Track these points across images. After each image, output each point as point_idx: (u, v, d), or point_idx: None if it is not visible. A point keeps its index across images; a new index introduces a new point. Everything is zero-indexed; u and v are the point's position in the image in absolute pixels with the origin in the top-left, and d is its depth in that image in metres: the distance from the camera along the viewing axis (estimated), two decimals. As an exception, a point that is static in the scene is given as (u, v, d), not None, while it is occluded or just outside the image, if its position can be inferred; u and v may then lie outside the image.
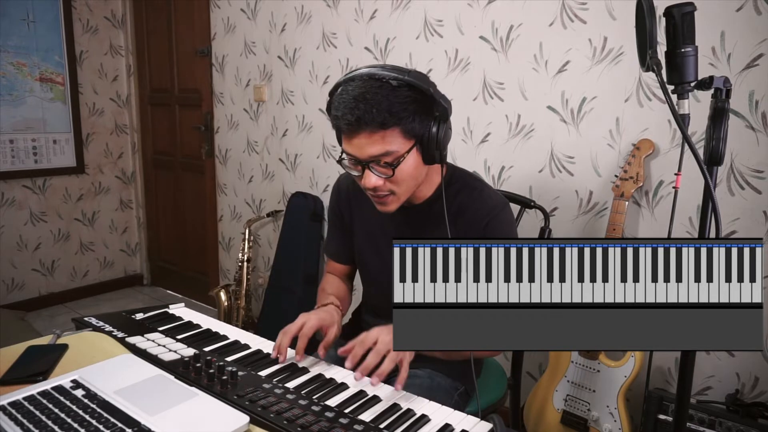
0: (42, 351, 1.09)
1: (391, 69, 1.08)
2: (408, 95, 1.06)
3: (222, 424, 0.83)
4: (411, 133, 1.08)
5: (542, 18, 1.90)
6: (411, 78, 1.06)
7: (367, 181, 1.11)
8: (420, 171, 1.15)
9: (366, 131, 1.05)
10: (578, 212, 1.93)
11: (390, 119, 1.04)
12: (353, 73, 1.10)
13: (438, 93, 1.09)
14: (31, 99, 3.19)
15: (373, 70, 1.08)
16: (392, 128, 1.06)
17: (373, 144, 1.06)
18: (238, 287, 2.88)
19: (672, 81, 0.87)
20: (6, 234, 3.19)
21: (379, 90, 1.05)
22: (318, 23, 2.55)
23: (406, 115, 1.06)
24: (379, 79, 1.06)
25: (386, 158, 1.08)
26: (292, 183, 2.82)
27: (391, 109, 1.04)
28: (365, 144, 1.07)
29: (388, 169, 1.09)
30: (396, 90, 1.05)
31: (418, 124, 1.08)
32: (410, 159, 1.10)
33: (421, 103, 1.08)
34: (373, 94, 1.04)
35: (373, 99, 1.04)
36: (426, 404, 0.95)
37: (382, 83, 1.06)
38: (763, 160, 1.58)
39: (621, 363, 1.66)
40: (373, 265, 1.35)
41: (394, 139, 1.07)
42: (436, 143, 1.10)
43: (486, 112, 2.09)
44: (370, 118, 1.04)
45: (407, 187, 1.14)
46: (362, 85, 1.06)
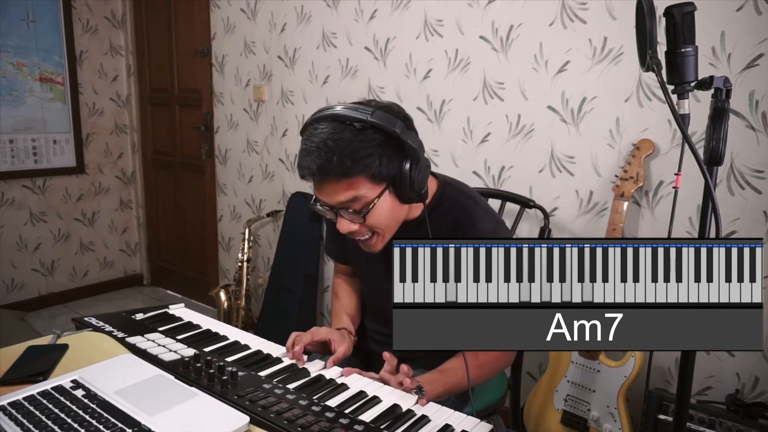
0: (42, 351, 1.09)
1: (355, 108, 1.02)
2: (373, 138, 1.00)
3: (222, 424, 0.83)
4: (379, 177, 1.03)
5: (542, 18, 1.90)
6: (375, 119, 0.99)
7: (340, 226, 1.08)
8: (398, 211, 1.10)
9: (330, 180, 1.01)
10: (578, 212, 1.93)
11: (353, 167, 0.99)
12: (320, 113, 1.05)
13: (405, 132, 1.02)
14: (31, 99, 3.19)
15: (338, 110, 1.02)
16: (356, 176, 1.01)
17: (339, 192, 1.03)
18: (238, 287, 2.88)
19: (672, 81, 0.87)
20: (6, 234, 3.19)
21: (341, 134, 1.00)
22: (318, 23, 2.55)
23: (371, 161, 1.00)
24: (343, 121, 1.01)
25: (355, 205, 1.04)
26: (292, 183, 2.82)
27: (354, 155, 0.99)
28: (332, 192, 1.03)
29: (357, 215, 1.05)
30: (360, 133, 1.00)
31: (386, 167, 1.02)
32: (383, 203, 1.05)
33: (387, 146, 1.02)
34: (335, 141, 0.99)
35: (336, 147, 0.99)
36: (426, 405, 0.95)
37: (345, 126, 1.00)
38: (763, 160, 1.58)
39: (621, 363, 1.66)
40: (369, 272, 1.33)
41: (361, 185, 1.02)
42: (410, 184, 1.04)
43: (486, 112, 2.09)
44: (331, 167, 0.99)
45: (388, 228, 1.10)
46: (326, 127, 1.01)
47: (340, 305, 1.36)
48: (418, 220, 1.18)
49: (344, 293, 1.40)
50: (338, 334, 1.18)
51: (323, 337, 1.15)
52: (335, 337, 1.17)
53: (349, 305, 1.36)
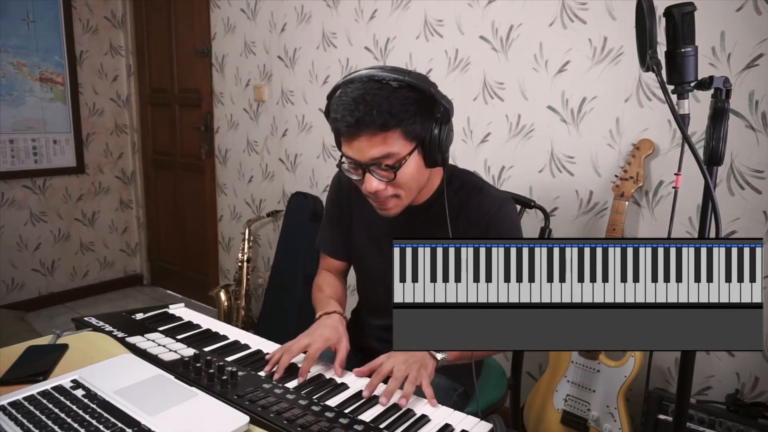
0: (42, 351, 1.09)
1: (390, 70, 1.06)
2: (409, 96, 1.04)
3: (222, 424, 0.83)
4: (412, 135, 1.06)
5: (542, 18, 1.90)
6: (411, 79, 1.04)
7: (368, 185, 1.09)
8: (422, 174, 1.14)
9: (366, 133, 1.03)
10: (578, 212, 1.93)
11: (391, 121, 1.02)
12: (352, 75, 1.08)
13: (439, 93, 1.08)
14: (31, 99, 3.19)
15: (373, 72, 1.06)
16: (393, 130, 1.04)
17: (373, 146, 1.04)
18: (238, 287, 2.88)
19: (672, 81, 0.87)
20: (6, 234, 3.19)
21: (379, 91, 1.03)
22: (318, 23, 2.55)
23: (407, 117, 1.04)
24: (379, 80, 1.05)
25: (387, 161, 1.06)
26: (292, 183, 2.82)
27: (392, 110, 1.02)
28: (366, 147, 1.05)
29: (389, 172, 1.07)
30: (396, 91, 1.03)
31: (420, 126, 1.06)
32: (412, 162, 1.08)
33: (422, 105, 1.06)
34: (373, 95, 1.02)
35: (373, 100, 1.02)
36: (426, 404, 0.95)
37: (381, 84, 1.04)
38: (763, 160, 1.58)
39: (621, 363, 1.66)
40: (374, 265, 1.33)
41: (395, 141, 1.05)
42: (438, 146, 1.08)
43: (486, 112, 2.09)
44: (371, 119, 1.01)
45: (409, 190, 1.13)
46: (362, 86, 1.04)
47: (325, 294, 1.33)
48: (429, 201, 1.22)
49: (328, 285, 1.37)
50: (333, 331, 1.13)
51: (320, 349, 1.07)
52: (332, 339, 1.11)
53: (335, 293, 1.34)
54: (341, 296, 1.36)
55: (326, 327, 1.15)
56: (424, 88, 1.05)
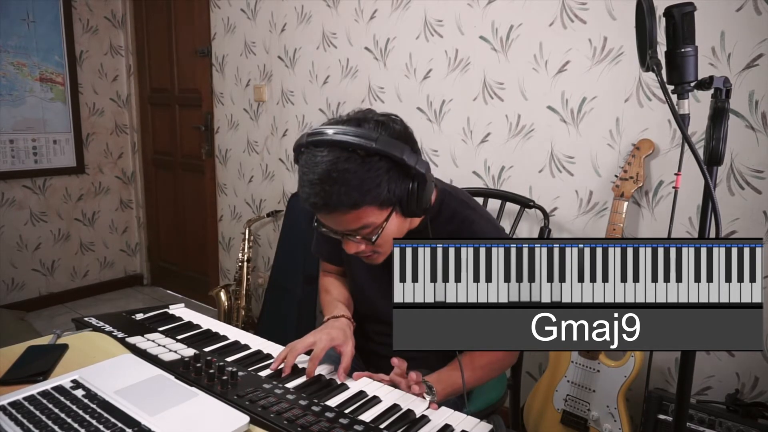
0: (42, 351, 1.09)
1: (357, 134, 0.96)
2: (380, 166, 0.96)
3: (222, 424, 0.83)
4: (387, 203, 1.01)
5: (542, 18, 1.90)
6: (380, 146, 0.95)
7: (348, 248, 1.08)
8: (402, 226, 1.10)
9: (337, 213, 0.99)
10: (578, 212, 1.93)
11: (362, 199, 0.97)
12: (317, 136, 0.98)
13: (412, 157, 0.99)
14: (31, 99, 3.19)
15: (338, 137, 0.96)
16: (365, 206, 0.99)
17: (347, 222, 1.01)
18: (238, 287, 2.88)
19: (672, 81, 0.87)
20: (6, 234, 3.19)
21: (346, 164, 0.95)
22: (318, 23, 2.55)
23: (380, 190, 0.97)
24: (346, 148, 0.95)
25: (364, 232, 1.03)
26: (292, 183, 2.81)
27: (362, 186, 0.96)
28: (338, 222, 1.02)
29: (367, 240, 1.05)
30: (365, 161, 0.95)
31: (393, 192, 1.00)
32: (391, 224, 1.04)
33: (394, 170, 0.99)
34: (340, 171, 0.94)
35: (341, 177, 0.94)
36: (426, 405, 0.95)
37: (349, 154, 0.95)
38: (763, 160, 1.58)
39: (621, 363, 1.66)
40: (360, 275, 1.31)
41: (369, 214, 1.00)
42: (416, 202, 1.02)
43: (486, 112, 2.09)
44: (338, 201, 0.96)
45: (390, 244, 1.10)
46: (327, 157, 0.96)
47: (332, 296, 1.32)
48: (418, 228, 1.17)
49: (335, 287, 1.36)
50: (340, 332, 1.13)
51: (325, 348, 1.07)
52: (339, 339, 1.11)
53: (342, 295, 1.33)
54: (348, 299, 1.34)
55: (333, 328, 1.14)
56: (395, 156, 0.96)
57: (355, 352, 1.12)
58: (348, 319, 1.20)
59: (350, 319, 1.21)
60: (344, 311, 1.22)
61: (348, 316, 1.21)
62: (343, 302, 1.29)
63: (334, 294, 1.33)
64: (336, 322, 1.18)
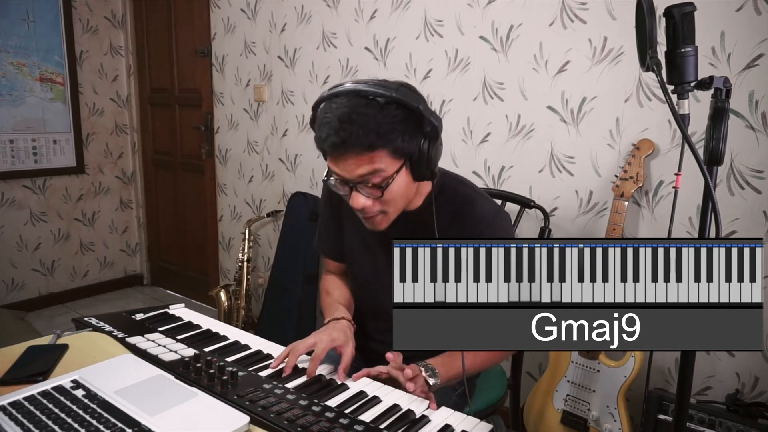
0: (42, 351, 1.09)
1: (376, 85, 1.03)
2: (396, 114, 1.01)
3: (222, 424, 0.83)
4: (400, 153, 1.04)
5: (542, 18, 1.90)
6: (399, 95, 1.01)
7: (355, 202, 1.08)
8: (410, 189, 1.12)
9: (352, 153, 1.01)
10: (578, 212, 1.93)
11: (378, 141, 1.00)
12: (337, 88, 1.05)
13: (427, 110, 1.04)
14: (31, 99, 3.19)
15: (359, 87, 1.02)
16: (380, 150, 1.02)
17: (360, 165, 1.03)
18: (238, 287, 2.88)
19: (672, 81, 0.87)
20: (6, 234, 3.19)
21: (365, 109, 1.00)
22: (318, 23, 2.55)
23: (394, 136, 1.02)
24: (365, 96, 1.01)
25: (374, 179, 1.05)
26: (292, 183, 2.82)
27: (379, 129, 1.00)
28: (352, 166, 1.03)
29: (376, 189, 1.06)
30: (383, 108, 1.00)
31: (407, 142, 1.04)
32: (399, 178, 1.06)
33: (409, 121, 1.03)
34: (359, 114, 0.99)
35: (359, 119, 0.99)
36: (426, 405, 0.95)
37: (368, 101, 1.01)
38: (763, 160, 1.58)
39: (621, 363, 1.66)
40: (363, 269, 1.32)
41: (381, 159, 1.03)
42: (426, 162, 1.06)
43: (486, 112, 2.09)
44: (356, 140, 0.99)
45: (397, 206, 1.11)
46: (347, 102, 1.01)
47: (333, 298, 1.32)
48: (419, 209, 1.19)
49: (336, 288, 1.36)
50: (341, 333, 1.13)
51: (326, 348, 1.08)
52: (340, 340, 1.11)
53: (342, 297, 1.33)
54: (349, 301, 1.34)
55: (334, 329, 1.15)
56: (413, 105, 1.02)
57: (355, 353, 1.13)
58: (348, 321, 1.20)
59: (351, 321, 1.21)
60: (345, 313, 1.22)
61: (348, 318, 1.22)
62: (343, 304, 1.29)
63: (335, 296, 1.33)
64: (337, 323, 1.18)
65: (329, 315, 1.24)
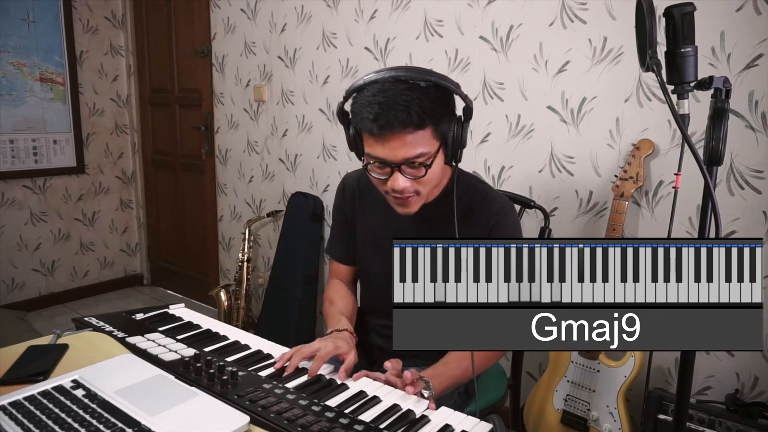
0: (42, 351, 1.09)
1: (413, 70, 1.07)
2: (438, 96, 1.06)
3: (222, 424, 0.83)
4: (439, 134, 1.08)
5: (542, 18, 1.90)
6: (438, 78, 1.06)
7: (395, 183, 1.10)
8: (443, 171, 1.16)
9: (401, 133, 1.04)
10: (578, 212, 1.93)
11: (426, 120, 1.04)
12: (372, 76, 1.07)
13: (462, 93, 1.09)
14: (31, 99, 3.19)
15: (397, 73, 1.06)
16: (426, 129, 1.06)
17: (406, 146, 1.06)
18: (238, 287, 2.88)
19: (672, 81, 0.87)
20: (6, 234, 3.19)
21: (409, 92, 1.04)
22: (318, 23, 2.55)
23: (440, 116, 1.06)
24: (406, 81, 1.05)
25: (419, 159, 1.08)
26: (292, 183, 2.82)
27: (426, 109, 1.04)
28: (398, 146, 1.06)
29: (420, 170, 1.09)
30: (426, 91, 1.05)
31: (447, 123, 1.08)
32: (438, 160, 1.11)
33: (448, 103, 1.09)
34: (405, 95, 1.03)
35: (405, 101, 1.02)
36: (426, 405, 0.95)
37: (410, 85, 1.05)
38: (762, 160, 1.58)
39: (621, 363, 1.66)
40: (375, 267, 1.33)
41: (426, 140, 1.07)
42: (459, 144, 1.10)
43: (486, 112, 2.09)
44: (407, 118, 1.02)
45: (431, 187, 1.15)
46: (389, 87, 1.05)
47: (336, 309, 1.33)
48: (435, 201, 1.23)
49: (340, 298, 1.37)
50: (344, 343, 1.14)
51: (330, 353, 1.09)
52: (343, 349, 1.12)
53: (345, 308, 1.34)
54: (352, 311, 1.35)
55: (338, 339, 1.16)
56: (451, 88, 1.07)
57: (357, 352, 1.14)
58: (351, 333, 1.22)
59: (353, 334, 1.23)
60: (347, 325, 1.24)
61: (351, 330, 1.23)
62: (346, 315, 1.30)
63: (339, 306, 1.34)
64: (340, 334, 1.20)
65: (332, 326, 1.25)
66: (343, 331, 1.21)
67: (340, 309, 1.33)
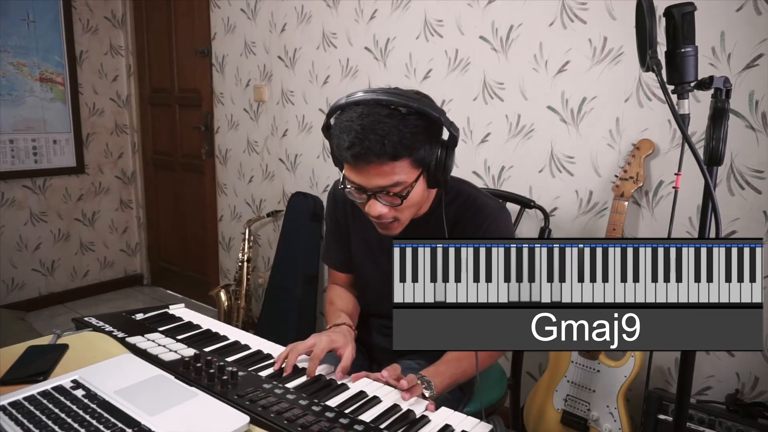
0: (42, 351, 1.09)
1: (396, 94, 1.03)
2: (418, 124, 1.02)
3: (222, 424, 0.83)
4: (419, 162, 1.05)
5: (542, 18, 1.90)
6: (420, 105, 1.02)
7: (372, 209, 1.08)
8: (424, 196, 1.14)
9: (375, 163, 1.01)
10: (578, 212, 1.93)
11: (401, 151, 1.01)
12: (356, 97, 1.04)
13: (447, 120, 1.05)
14: (31, 99, 3.19)
15: (379, 96, 1.02)
16: (402, 160, 1.02)
17: (381, 176, 1.03)
18: (238, 287, 2.88)
19: (672, 81, 0.87)
20: (6, 234, 3.19)
21: (388, 119, 1.00)
22: (318, 23, 2.55)
23: (417, 146, 1.02)
24: (387, 105, 1.01)
25: (395, 189, 1.05)
26: (292, 183, 2.82)
27: (403, 140, 1.00)
28: (373, 176, 1.04)
29: (395, 198, 1.06)
30: (406, 119, 1.01)
31: (427, 152, 1.05)
32: (418, 187, 1.08)
33: (430, 131, 1.05)
34: (383, 124, 0.99)
35: (383, 129, 0.99)
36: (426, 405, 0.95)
37: (390, 111, 1.01)
38: (763, 160, 1.58)
39: (621, 363, 1.66)
40: (370, 275, 1.33)
41: (403, 170, 1.04)
42: (443, 170, 1.07)
43: (486, 112, 2.09)
44: (381, 150, 0.99)
45: (411, 213, 1.13)
46: (369, 111, 1.01)
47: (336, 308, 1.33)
48: (426, 215, 1.21)
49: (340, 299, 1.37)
50: (340, 336, 1.14)
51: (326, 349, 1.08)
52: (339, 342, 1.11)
53: (345, 307, 1.33)
54: (352, 309, 1.35)
55: (333, 332, 1.15)
56: (433, 116, 1.03)
57: (356, 351, 1.13)
58: (349, 327, 1.21)
59: (351, 327, 1.22)
60: (346, 320, 1.23)
61: (349, 323, 1.23)
62: (345, 312, 1.30)
63: (338, 305, 1.34)
64: (337, 328, 1.19)
65: (331, 322, 1.25)
66: (341, 325, 1.20)
67: (339, 307, 1.33)
